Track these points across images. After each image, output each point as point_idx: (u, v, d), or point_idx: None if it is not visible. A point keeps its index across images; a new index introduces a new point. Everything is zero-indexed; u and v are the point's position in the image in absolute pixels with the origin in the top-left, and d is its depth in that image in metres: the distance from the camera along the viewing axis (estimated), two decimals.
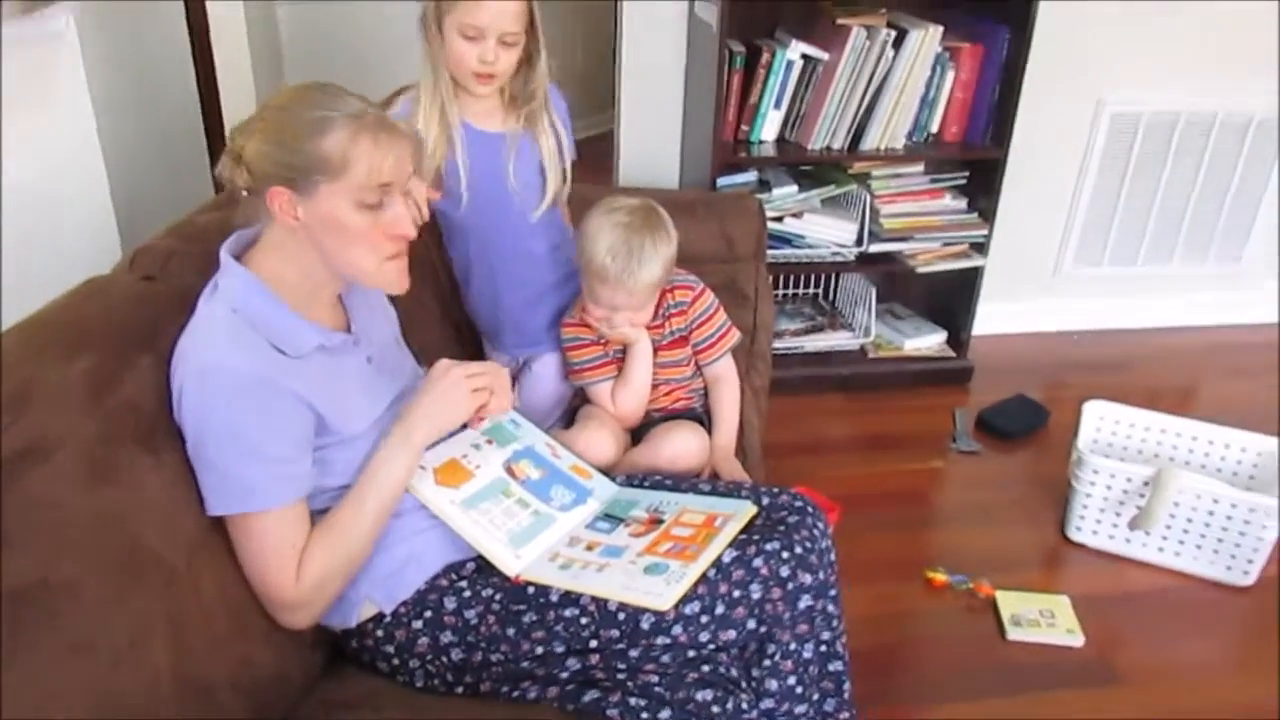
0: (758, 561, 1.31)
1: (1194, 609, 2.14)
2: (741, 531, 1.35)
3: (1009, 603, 2.10)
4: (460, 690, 1.28)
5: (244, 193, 1.21)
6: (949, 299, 3.03)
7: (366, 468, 1.28)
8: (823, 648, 1.36)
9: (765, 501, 1.45)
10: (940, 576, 2.17)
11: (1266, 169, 3.18)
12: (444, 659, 1.30)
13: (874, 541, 2.30)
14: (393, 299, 1.50)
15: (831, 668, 1.37)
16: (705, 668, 1.25)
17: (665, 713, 1.18)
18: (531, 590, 1.31)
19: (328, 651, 1.36)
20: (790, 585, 1.31)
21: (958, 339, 3.04)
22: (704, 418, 1.82)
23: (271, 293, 1.23)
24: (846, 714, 1.40)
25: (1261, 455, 2.30)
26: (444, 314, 1.90)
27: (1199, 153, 3.12)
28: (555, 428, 1.79)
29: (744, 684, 1.28)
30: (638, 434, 1.79)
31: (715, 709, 1.20)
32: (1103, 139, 3.06)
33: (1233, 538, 2.13)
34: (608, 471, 1.59)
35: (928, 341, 3.05)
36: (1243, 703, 1.89)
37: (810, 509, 1.44)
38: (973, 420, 2.80)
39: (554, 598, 1.29)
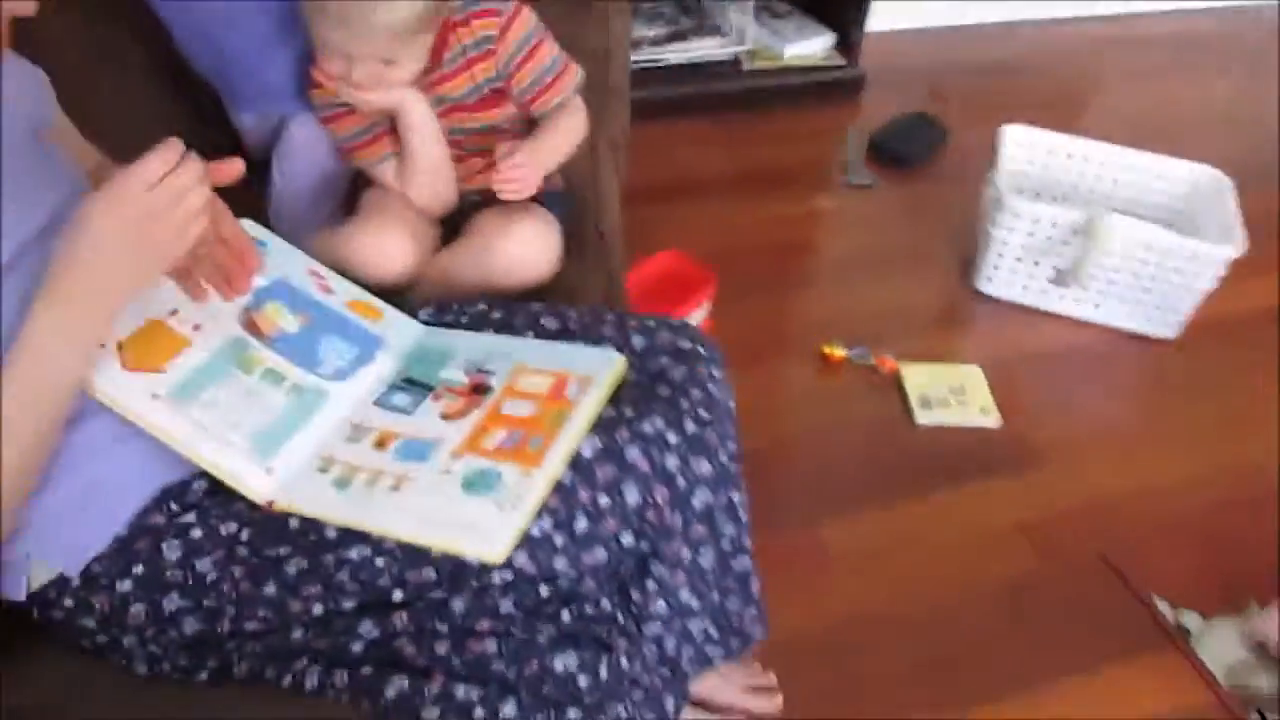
0: (633, 451, 0.89)
1: (1116, 367, 1.89)
2: (608, 401, 0.92)
3: (915, 379, 1.79)
4: (204, 675, 0.86)
5: None
6: None
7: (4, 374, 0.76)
8: (725, 544, 0.99)
9: (637, 344, 1.01)
10: (837, 351, 1.83)
11: None
12: (173, 632, 0.87)
13: (758, 309, 1.93)
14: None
15: (736, 565, 1.02)
16: (566, 613, 0.86)
17: (510, 708, 0.80)
18: (296, 523, 0.86)
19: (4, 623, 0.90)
20: (682, 481, 0.91)
21: (847, 41, 2.53)
22: (544, 196, 1.32)
23: None
24: (754, 610, 1.06)
25: (1193, 187, 1.98)
26: (152, 63, 1.27)
27: None
28: (328, 226, 1.26)
29: (620, 616, 0.90)
30: (452, 224, 1.29)
31: (583, 680, 0.83)
32: None
33: (1162, 287, 1.85)
34: (407, 301, 1.10)
35: (813, 46, 2.54)
36: (1175, 475, 1.68)
37: (701, 348, 1.02)
38: (865, 145, 2.37)
39: (331, 533, 0.86)
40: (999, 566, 1.54)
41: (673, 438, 0.90)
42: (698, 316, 1.79)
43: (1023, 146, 2.04)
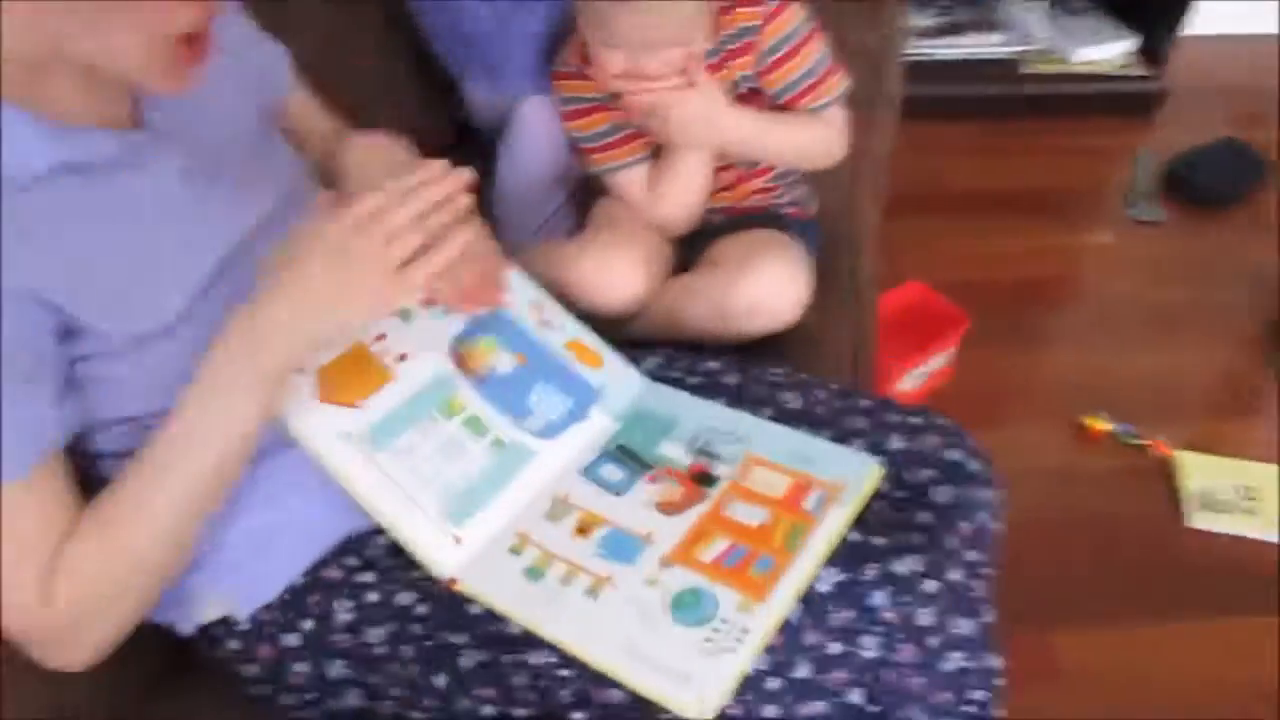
0: (878, 596, 0.73)
1: None
2: (856, 518, 0.76)
3: (1194, 470, 1.51)
4: None
5: None
6: None
7: (174, 413, 0.69)
8: (970, 708, 0.81)
9: (895, 446, 0.84)
10: (1100, 424, 1.57)
11: None
12: (332, 702, 0.79)
13: (1009, 361, 1.69)
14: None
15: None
16: None
17: None
18: (477, 609, 0.75)
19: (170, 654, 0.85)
20: (933, 640, 0.74)
21: (1154, 47, 2.18)
22: (795, 224, 1.15)
23: None
24: None
25: None
26: (388, 42, 1.19)
27: None
28: (547, 235, 1.14)
29: None
30: (688, 249, 1.14)
31: None
32: None
33: None
34: (631, 343, 0.96)
35: (1108, 51, 2.21)
36: None
37: (975, 463, 0.83)
38: (1158, 173, 2.04)
39: (514, 629, 0.74)
40: None
41: (931, 587, 0.73)
42: (938, 363, 1.58)
43: None
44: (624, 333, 0.99)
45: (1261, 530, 1.45)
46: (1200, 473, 1.51)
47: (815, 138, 1.09)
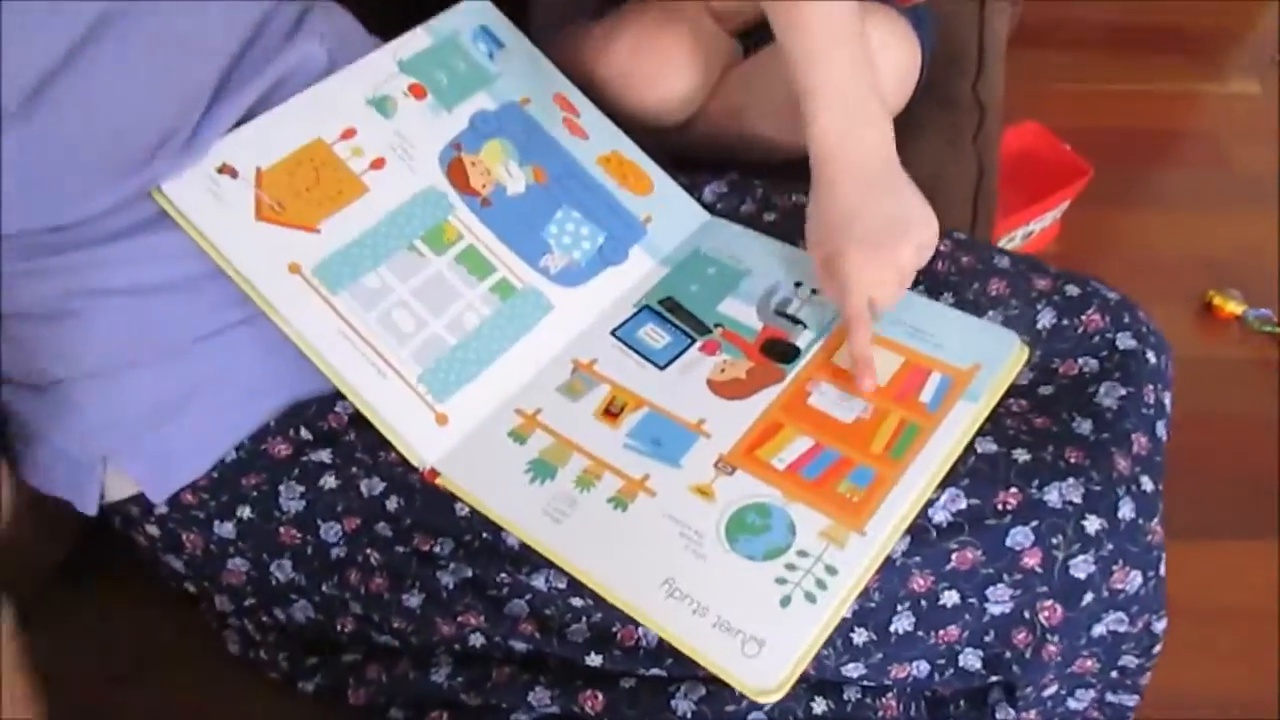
0: (1020, 534, 0.52)
1: None
2: (986, 422, 0.55)
3: None
4: (308, 687, 0.60)
5: None
6: None
7: None
8: (1114, 674, 0.61)
9: (1043, 323, 0.61)
10: (1229, 305, 1.32)
11: None
12: (279, 613, 0.60)
13: (1127, 221, 1.43)
14: None
15: (1115, 699, 0.64)
16: None
17: None
18: (466, 510, 0.56)
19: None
20: (1090, 597, 0.53)
21: None
22: (897, 7, 0.87)
23: None
24: None
25: None
26: None
27: None
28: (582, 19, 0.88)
29: None
30: (752, 35, 0.87)
31: None
32: None
33: None
34: (685, 163, 0.73)
35: None
36: None
37: (1152, 352, 0.61)
38: None
39: (514, 540, 0.55)
40: None
41: (1094, 524, 0.52)
42: (1045, 220, 1.33)
43: None
44: (672, 147, 0.75)
45: None
46: None
47: None
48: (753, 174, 0.73)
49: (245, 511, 0.59)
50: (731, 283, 0.64)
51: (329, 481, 0.58)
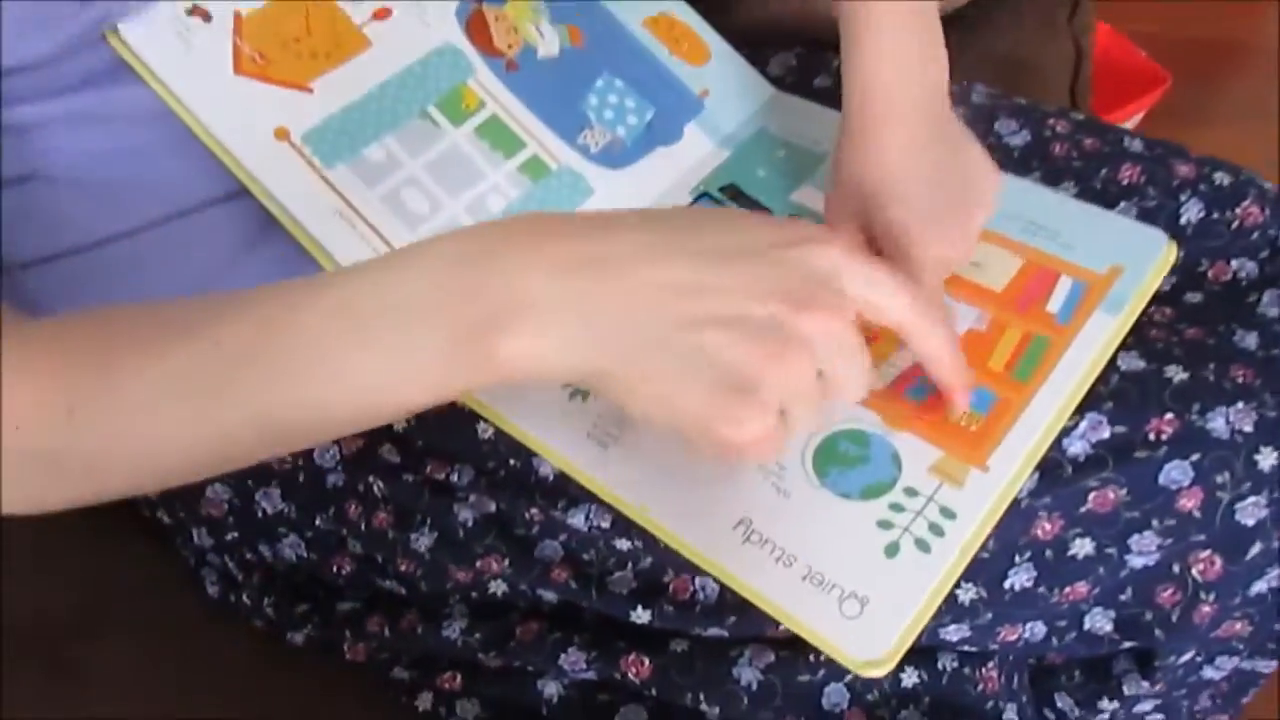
0: (1175, 469, 0.42)
1: None
2: (1128, 335, 0.44)
3: None
4: (297, 638, 0.51)
5: None
6: None
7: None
8: (1264, 637, 0.52)
9: (1189, 215, 0.51)
10: None
11: None
12: (264, 550, 0.51)
13: (1205, 141, 1.30)
14: None
15: (1248, 665, 0.54)
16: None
17: None
18: (490, 432, 0.46)
19: None
20: (1257, 548, 0.43)
21: None
22: None
23: None
24: (1223, 717, 0.60)
25: None
26: None
27: None
28: None
29: None
30: None
31: None
32: None
33: None
34: (746, 35, 0.61)
35: None
36: None
37: None
38: None
39: (548, 469, 0.45)
40: None
41: (1269, 460, 0.42)
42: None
43: None
44: (731, 20, 0.64)
45: None
46: None
47: None
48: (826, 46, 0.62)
49: None
50: (806, 167, 0.53)
51: None
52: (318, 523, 0.49)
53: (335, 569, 0.50)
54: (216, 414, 0.33)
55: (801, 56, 0.62)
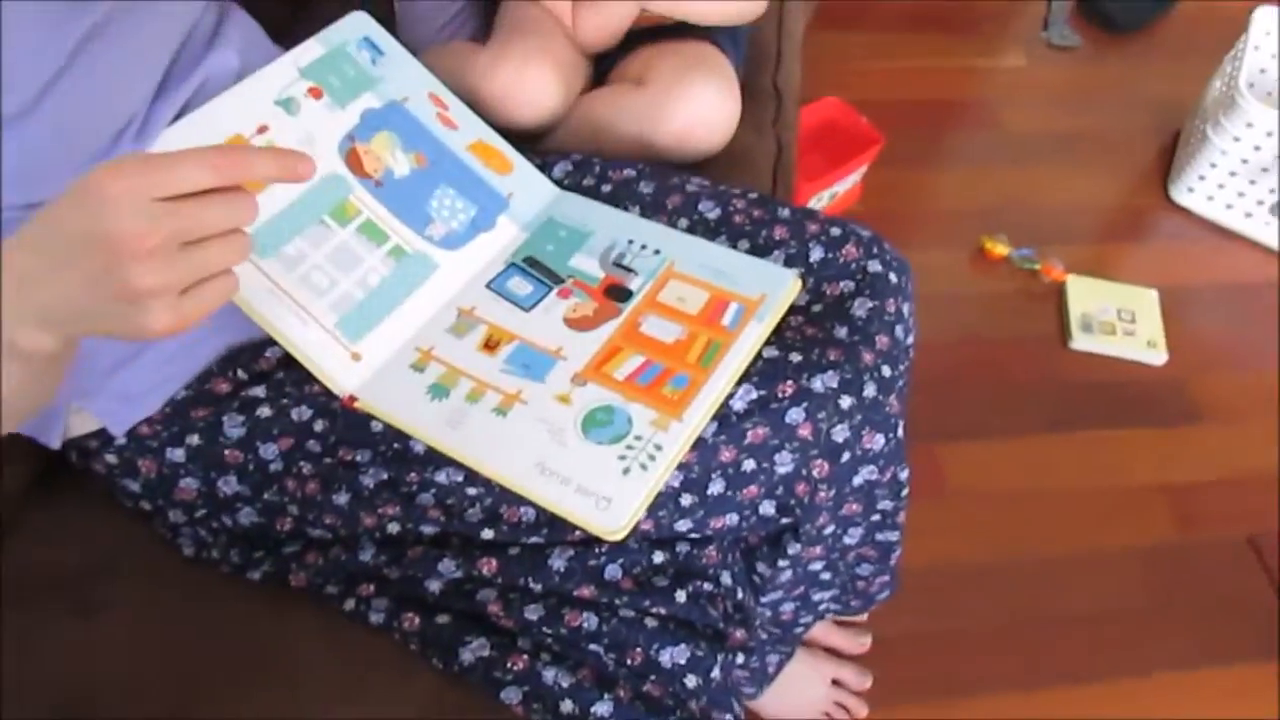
0: (795, 413, 0.72)
1: None
2: (772, 334, 0.74)
3: (1080, 295, 1.56)
4: (256, 575, 0.75)
5: None
6: None
7: None
8: (876, 517, 0.83)
9: (815, 257, 0.81)
10: (999, 248, 1.59)
11: None
12: (226, 519, 0.75)
13: (916, 180, 1.68)
14: None
15: (882, 536, 0.86)
16: (681, 593, 0.72)
17: (604, 707, 0.67)
18: (379, 426, 0.72)
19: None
20: (847, 455, 0.74)
21: None
22: (723, 32, 1.06)
23: None
24: (886, 577, 0.91)
25: None
26: None
27: None
28: (457, 23, 1.04)
29: (740, 591, 0.76)
30: (604, 57, 1.06)
31: (691, 680, 0.70)
32: None
33: None
34: (540, 150, 0.90)
35: None
36: None
37: (894, 274, 0.81)
38: None
39: (419, 447, 0.71)
40: (1130, 530, 1.37)
41: (847, 402, 0.72)
42: (848, 183, 1.55)
43: (1276, 37, 1.68)
44: (538, 149, 0.92)
45: (1136, 352, 1.52)
46: (1086, 296, 1.56)
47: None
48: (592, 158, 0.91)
49: (194, 439, 0.73)
50: (579, 242, 0.81)
51: (264, 411, 0.73)
52: (265, 496, 0.73)
53: (279, 527, 0.74)
54: None
55: (575, 162, 0.89)
